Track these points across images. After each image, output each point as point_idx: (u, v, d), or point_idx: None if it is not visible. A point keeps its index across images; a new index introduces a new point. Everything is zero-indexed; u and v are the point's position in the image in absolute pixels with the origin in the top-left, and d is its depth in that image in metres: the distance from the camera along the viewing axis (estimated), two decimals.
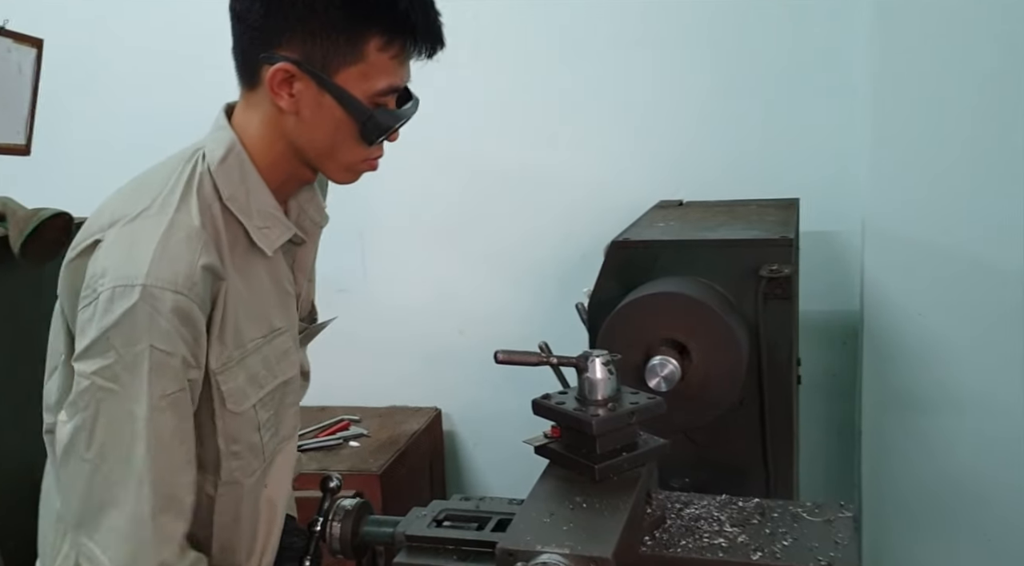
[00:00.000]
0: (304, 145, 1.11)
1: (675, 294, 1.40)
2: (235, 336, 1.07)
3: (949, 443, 2.08)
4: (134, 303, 0.97)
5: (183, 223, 1.02)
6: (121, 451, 0.99)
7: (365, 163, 1.14)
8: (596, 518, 1.06)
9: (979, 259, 1.99)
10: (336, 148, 1.11)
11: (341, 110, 1.07)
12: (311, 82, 1.05)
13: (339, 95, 1.06)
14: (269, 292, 1.14)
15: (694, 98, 2.35)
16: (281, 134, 1.10)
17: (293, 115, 1.08)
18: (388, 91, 1.09)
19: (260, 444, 1.13)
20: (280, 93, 1.06)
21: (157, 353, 0.98)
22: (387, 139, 1.14)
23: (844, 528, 1.16)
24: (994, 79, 1.93)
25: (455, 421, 2.75)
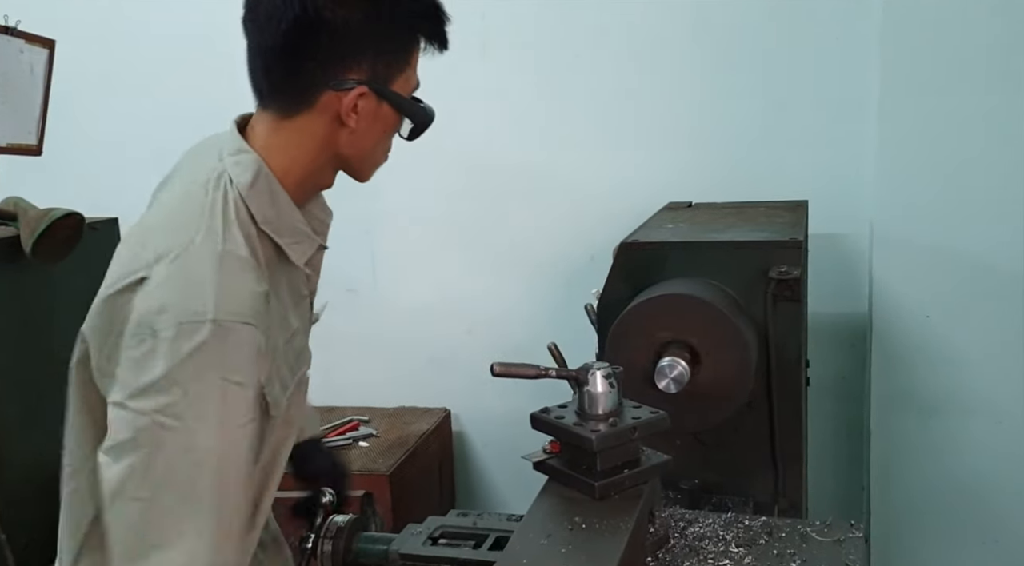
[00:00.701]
0: (352, 154, 1.14)
1: (684, 296, 1.40)
2: (272, 350, 1.07)
3: (957, 445, 2.08)
4: (205, 339, 0.95)
5: (234, 254, 1.03)
6: (182, 487, 0.96)
7: (384, 157, 1.20)
8: (596, 539, 1.03)
9: (987, 262, 1.99)
10: (377, 150, 1.16)
11: (395, 115, 1.12)
12: (372, 96, 1.09)
13: (398, 103, 1.11)
14: (290, 300, 1.16)
15: (703, 100, 2.35)
16: (327, 146, 1.12)
17: (344, 127, 1.10)
18: (416, 86, 1.15)
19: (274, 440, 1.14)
20: (350, 115, 1.08)
21: (231, 386, 0.97)
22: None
23: (855, 549, 1.14)
24: (1002, 82, 1.93)
25: (464, 422, 2.75)
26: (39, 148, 1.92)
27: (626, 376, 1.25)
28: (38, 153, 1.93)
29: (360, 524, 1.25)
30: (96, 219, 2.48)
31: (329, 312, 2.84)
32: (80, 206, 1.90)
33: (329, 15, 1.03)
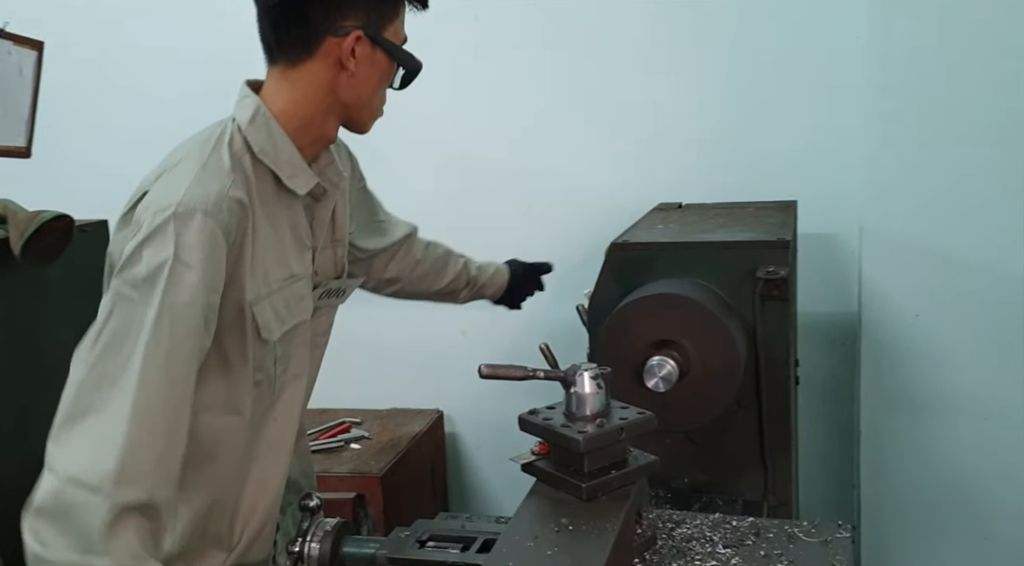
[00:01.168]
0: (351, 100, 1.27)
1: (673, 295, 1.41)
2: (264, 274, 1.21)
3: (946, 444, 2.09)
4: (165, 220, 1.09)
5: (215, 164, 1.18)
6: (120, 357, 1.04)
7: (380, 110, 1.33)
8: (582, 541, 1.03)
9: (976, 261, 2.00)
10: (372, 97, 1.29)
11: (388, 62, 1.26)
12: (367, 43, 1.23)
13: (391, 50, 1.25)
14: (289, 241, 1.28)
15: (694, 101, 2.36)
16: (330, 92, 1.25)
17: (344, 72, 1.24)
18: (404, 41, 1.30)
19: (274, 376, 1.26)
20: (349, 58, 1.22)
21: (178, 265, 1.07)
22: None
23: (842, 550, 1.14)
24: (992, 82, 1.94)
25: (457, 423, 2.75)
26: (28, 150, 1.92)
27: (616, 375, 1.25)
28: (27, 156, 1.92)
29: (348, 527, 1.25)
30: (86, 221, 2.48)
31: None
32: (70, 208, 1.89)
33: None
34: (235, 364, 1.20)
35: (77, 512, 0.96)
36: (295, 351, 1.30)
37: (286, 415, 1.32)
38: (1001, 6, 1.91)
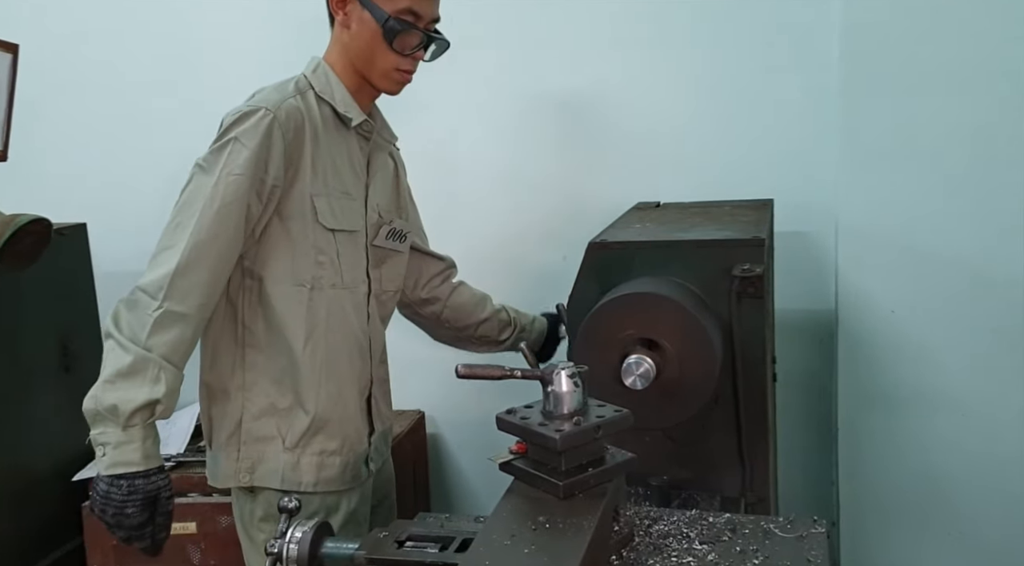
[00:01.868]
0: (354, 52, 1.59)
1: (650, 294, 1.42)
2: (324, 177, 1.56)
3: (923, 440, 2.11)
4: (237, 118, 1.49)
5: (282, 89, 1.56)
6: (191, 211, 1.45)
7: (397, 72, 1.60)
8: (559, 539, 1.03)
9: (951, 258, 2.03)
10: (374, 53, 1.58)
11: (373, 21, 1.55)
12: (356, 3, 1.56)
13: (371, 7, 1.54)
14: (346, 164, 1.62)
15: (671, 101, 2.37)
16: (343, 49, 1.61)
17: (347, 29, 1.59)
18: (408, 11, 1.55)
19: (337, 264, 1.58)
20: (338, 11, 1.58)
21: (237, 145, 1.46)
22: (413, 56, 1.60)
23: (817, 545, 1.15)
24: (966, 81, 1.96)
25: (439, 424, 2.75)
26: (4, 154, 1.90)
27: (594, 374, 1.26)
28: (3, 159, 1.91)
29: (327, 528, 1.25)
30: (64, 224, 2.46)
31: None
32: (47, 211, 1.88)
33: None
34: (299, 244, 1.54)
35: (139, 307, 1.41)
36: (353, 256, 1.62)
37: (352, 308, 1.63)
38: (975, 5, 1.93)
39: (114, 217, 2.70)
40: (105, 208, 2.70)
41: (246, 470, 1.58)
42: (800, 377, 2.34)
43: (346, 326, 1.62)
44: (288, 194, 1.53)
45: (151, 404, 1.39)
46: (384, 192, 1.74)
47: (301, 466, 1.59)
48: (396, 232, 1.74)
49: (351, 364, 1.64)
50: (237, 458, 1.59)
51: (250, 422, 1.58)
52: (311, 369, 1.57)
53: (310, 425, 1.58)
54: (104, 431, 1.39)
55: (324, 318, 1.58)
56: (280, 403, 1.58)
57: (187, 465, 2.28)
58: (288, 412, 1.58)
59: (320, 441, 1.60)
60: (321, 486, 1.60)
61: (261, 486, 1.59)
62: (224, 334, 1.59)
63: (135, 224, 2.69)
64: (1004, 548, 2.09)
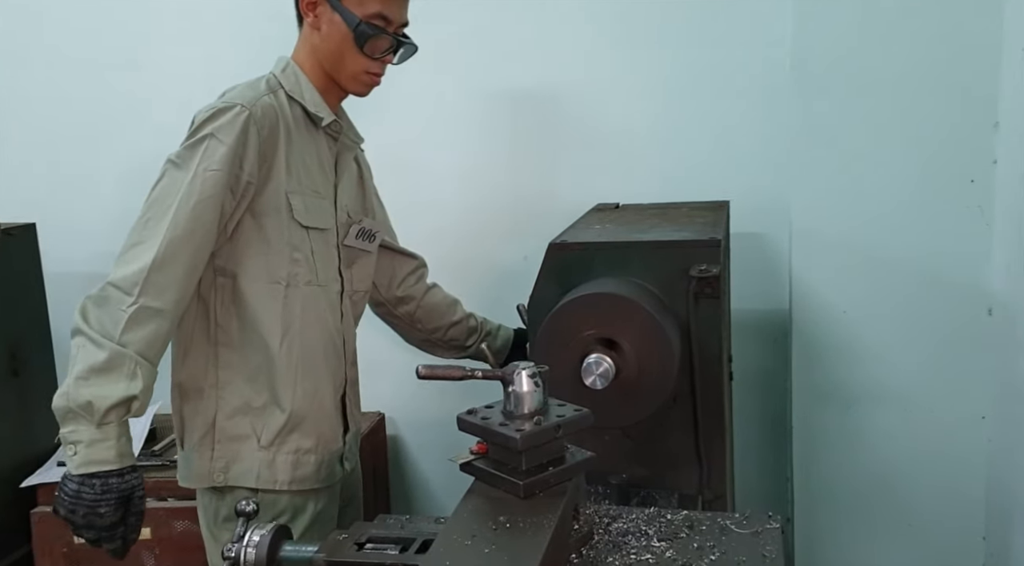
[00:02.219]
0: (324, 54, 1.61)
1: (609, 294, 1.43)
2: (297, 175, 1.57)
3: (872, 435, 2.16)
4: (211, 114, 1.49)
5: (254, 86, 1.57)
6: (163, 206, 1.44)
7: (366, 75, 1.62)
8: (519, 538, 1.03)
9: (900, 259, 2.08)
10: (343, 56, 1.60)
11: (344, 24, 1.57)
12: (327, 6, 1.58)
13: (341, 11, 1.56)
14: (315, 164, 1.63)
15: (630, 105, 2.40)
16: (312, 50, 1.62)
17: (317, 31, 1.60)
18: (378, 16, 1.58)
19: (312, 261, 1.59)
20: (308, 13, 1.60)
21: (213, 141, 1.46)
22: (382, 59, 1.62)
23: (771, 540, 1.17)
24: (917, 84, 2.01)
25: (399, 425, 2.74)
26: None
27: (555, 374, 1.27)
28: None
29: (285, 531, 1.24)
30: (12, 224, 2.40)
31: None
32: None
33: None
34: (274, 241, 1.55)
35: (110, 303, 1.39)
36: (326, 255, 1.63)
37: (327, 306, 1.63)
38: (926, 8, 1.99)
39: (65, 216, 2.64)
40: (55, 207, 2.64)
41: (220, 470, 1.58)
42: (756, 376, 2.39)
43: (321, 324, 1.63)
44: (262, 191, 1.53)
45: (127, 400, 1.38)
46: (351, 192, 1.76)
47: (276, 464, 1.58)
48: (365, 232, 1.75)
49: (327, 362, 1.64)
50: (211, 458, 1.58)
51: (224, 421, 1.57)
52: (287, 366, 1.57)
53: (286, 423, 1.58)
54: (76, 429, 1.36)
55: (300, 315, 1.58)
56: (255, 401, 1.58)
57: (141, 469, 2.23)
58: (263, 410, 1.58)
59: (295, 439, 1.59)
60: (296, 484, 1.59)
61: (236, 485, 1.58)
62: (196, 332, 1.58)
63: (87, 224, 2.65)
64: (952, 540, 2.16)
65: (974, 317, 2.06)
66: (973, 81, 1.98)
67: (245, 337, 1.56)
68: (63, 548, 2.18)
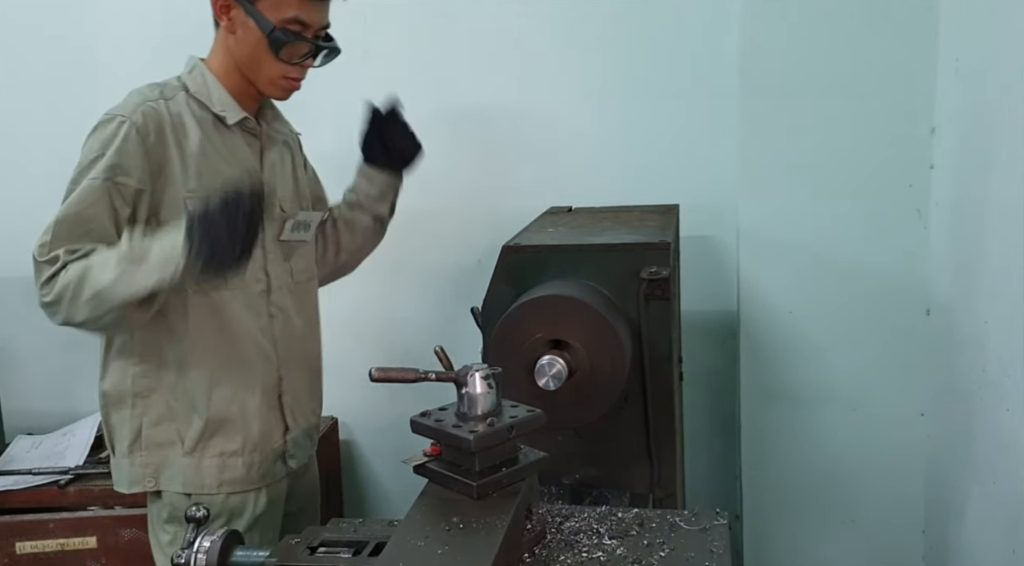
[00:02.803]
0: (240, 59, 1.59)
1: (562, 296, 1.45)
2: (199, 178, 1.53)
3: (818, 434, 2.22)
4: (95, 127, 1.51)
5: (143, 92, 1.56)
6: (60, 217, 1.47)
7: (284, 80, 1.60)
8: (472, 538, 1.04)
9: (843, 260, 2.14)
10: (260, 62, 1.57)
11: (258, 30, 1.54)
12: (240, 10, 1.54)
13: (256, 16, 1.53)
14: (230, 162, 1.59)
15: (582, 111, 2.42)
16: (228, 51, 1.59)
17: (232, 35, 1.58)
18: (294, 21, 1.54)
19: None
20: (221, 16, 1.57)
21: (95, 154, 1.48)
22: (301, 65, 1.59)
23: (719, 536, 1.20)
24: (857, 90, 2.07)
25: (352, 430, 2.72)
26: None
27: (508, 375, 1.28)
28: None
29: (236, 536, 1.22)
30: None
31: None
32: None
33: None
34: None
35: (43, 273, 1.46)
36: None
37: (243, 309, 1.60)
38: (866, 20, 2.05)
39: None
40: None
41: (150, 475, 1.60)
42: (706, 376, 2.43)
43: (236, 327, 1.60)
44: (161, 198, 1.52)
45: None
46: (284, 185, 1.72)
47: (203, 468, 1.59)
48: (300, 223, 1.73)
49: (247, 365, 1.62)
50: (141, 463, 1.59)
51: (149, 428, 1.59)
52: (199, 373, 1.58)
53: (204, 428, 1.59)
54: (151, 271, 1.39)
55: (209, 322, 1.58)
56: (176, 408, 1.59)
57: (87, 478, 2.18)
58: (184, 416, 1.59)
59: (218, 443, 1.60)
60: (226, 487, 1.60)
61: (166, 490, 1.60)
62: (115, 342, 1.59)
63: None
64: (893, 534, 2.23)
65: (913, 317, 2.13)
66: (911, 89, 2.05)
67: (158, 346, 1.57)
68: (4, 558, 2.12)
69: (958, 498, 1.96)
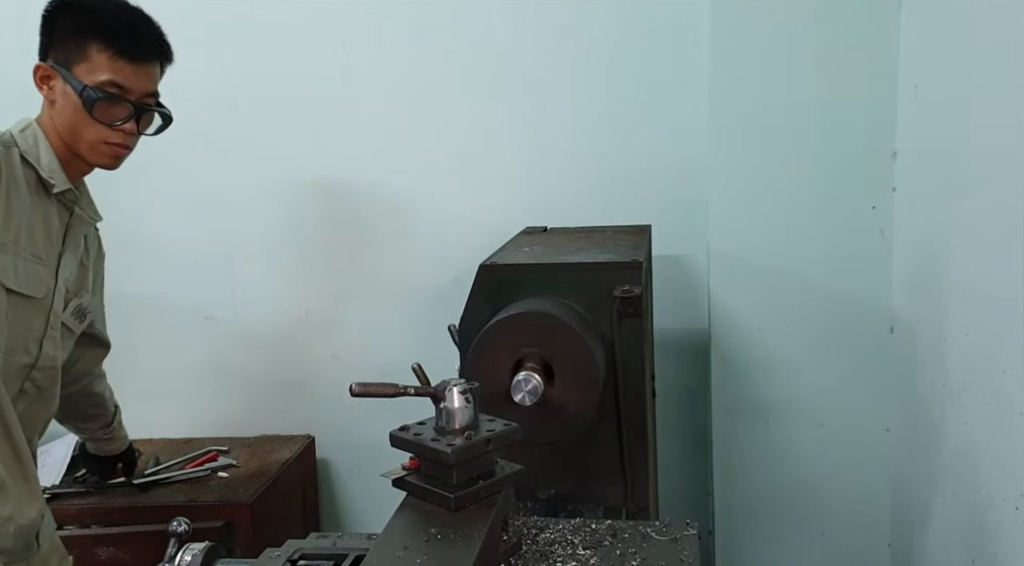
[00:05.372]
0: (61, 127, 1.56)
1: (537, 314, 1.48)
2: (14, 234, 1.47)
3: (787, 449, 2.27)
4: None
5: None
6: None
7: (105, 145, 1.57)
8: (450, 549, 1.06)
9: (809, 278, 2.20)
10: (78, 127, 1.55)
11: (74, 94, 1.53)
12: (59, 77, 1.55)
13: (71, 81, 1.53)
14: (41, 230, 1.56)
15: (558, 132, 2.47)
16: (51, 121, 1.57)
17: (53, 105, 1.56)
18: (110, 84, 1.54)
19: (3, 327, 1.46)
20: (42, 86, 1.57)
21: None
22: (121, 128, 1.57)
23: (689, 546, 1.24)
24: (820, 114, 2.14)
25: (329, 448, 2.73)
26: None
27: (485, 391, 1.31)
28: None
29: (217, 551, 1.24)
30: None
31: (186, 340, 2.76)
32: None
33: (45, 12, 1.57)
34: None
35: None
36: (24, 323, 1.52)
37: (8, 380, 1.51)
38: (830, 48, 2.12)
39: None
40: None
41: None
42: (678, 392, 2.48)
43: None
44: None
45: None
46: (72, 267, 1.68)
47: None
48: (80, 309, 1.70)
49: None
50: None
51: None
52: None
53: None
54: None
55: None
56: None
57: (63, 497, 2.17)
58: None
59: None
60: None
61: None
62: None
63: None
64: (861, 547, 2.28)
65: (877, 335, 2.19)
66: (873, 114, 2.13)
67: None
68: None
69: (921, 511, 2.02)
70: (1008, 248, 1.49)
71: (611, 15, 2.38)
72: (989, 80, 1.60)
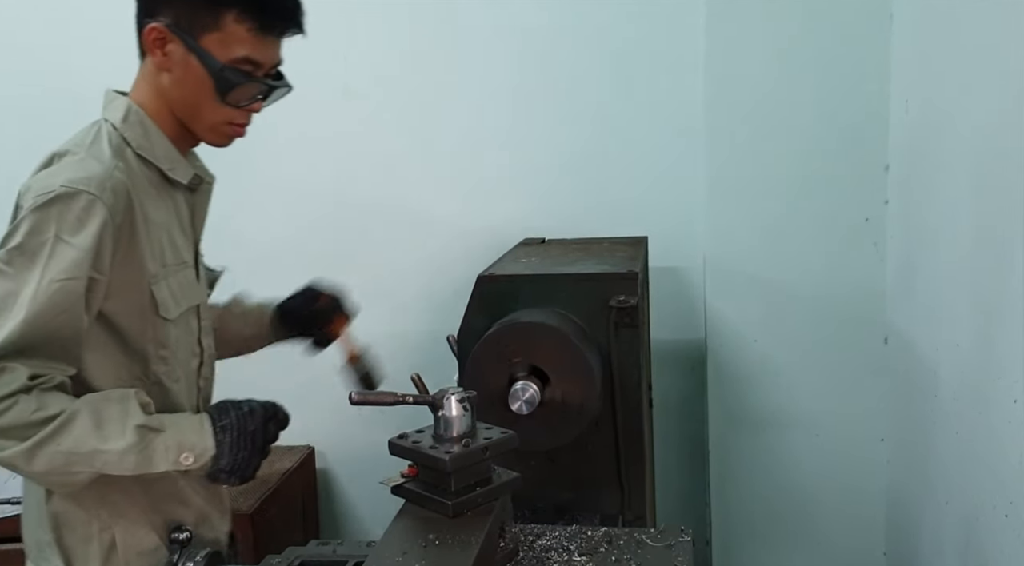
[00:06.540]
0: (175, 101, 1.30)
1: (535, 324, 1.51)
2: (161, 255, 1.29)
3: (783, 458, 2.29)
4: (48, 200, 1.15)
5: (96, 153, 1.24)
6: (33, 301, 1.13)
7: (229, 126, 1.33)
8: (448, 554, 1.08)
9: (804, 290, 2.23)
10: (200, 105, 1.30)
11: (202, 69, 1.26)
12: (180, 44, 1.26)
13: (200, 54, 1.25)
14: (176, 229, 1.35)
15: (555, 144, 2.50)
16: (160, 92, 1.30)
17: (167, 73, 1.28)
18: (245, 61, 1.28)
19: (176, 354, 1.33)
20: (155, 51, 1.27)
21: (59, 243, 1.15)
22: (249, 108, 1.32)
23: (683, 552, 1.26)
24: (814, 128, 2.18)
25: (329, 459, 2.74)
26: None
27: (483, 400, 1.33)
28: None
29: (219, 557, 1.26)
30: None
31: None
32: None
33: None
34: (133, 341, 1.26)
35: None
36: (187, 333, 1.37)
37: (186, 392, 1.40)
38: (824, 64, 2.16)
39: None
40: None
41: None
42: (675, 402, 2.49)
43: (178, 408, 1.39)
44: (119, 287, 1.22)
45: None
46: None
47: None
48: (210, 276, 1.57)
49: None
50: None
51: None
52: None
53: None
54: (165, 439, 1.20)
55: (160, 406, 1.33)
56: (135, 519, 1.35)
57: None
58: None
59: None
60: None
61: None
62: None
63: None
64: (856, 556, 2.29)
65: (872, 345, 2.22)
66: (866, 129, 2.16)
67: None
68: None
69: (916, 519, 2.04)
70: (998, 259, 1.52)
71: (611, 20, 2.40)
72: (979, 94, 1.63)
